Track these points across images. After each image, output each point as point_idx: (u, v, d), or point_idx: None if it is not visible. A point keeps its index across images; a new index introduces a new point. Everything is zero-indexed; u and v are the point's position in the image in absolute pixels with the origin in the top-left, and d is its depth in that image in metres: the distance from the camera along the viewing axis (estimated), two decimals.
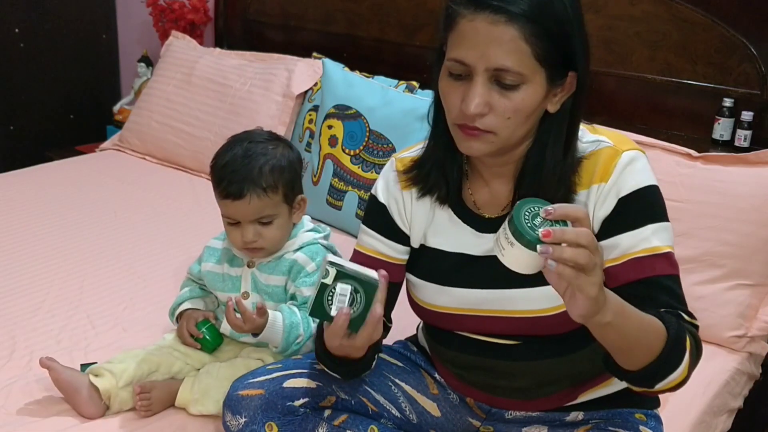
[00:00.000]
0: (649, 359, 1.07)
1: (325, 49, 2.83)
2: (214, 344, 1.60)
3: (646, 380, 1.11)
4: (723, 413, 1.79)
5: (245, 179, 1.51)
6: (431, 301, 1.31)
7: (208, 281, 1.66)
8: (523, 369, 1.30)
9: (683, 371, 1.10)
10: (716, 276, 1.89)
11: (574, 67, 1.15)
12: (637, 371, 1.09)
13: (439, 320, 1.34)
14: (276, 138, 1.62)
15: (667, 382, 1.10)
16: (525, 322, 1.25)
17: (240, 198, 1.51)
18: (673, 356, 1.09)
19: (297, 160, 1.61)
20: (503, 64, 1.09)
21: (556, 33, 1.10)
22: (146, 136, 2.96)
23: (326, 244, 1.64)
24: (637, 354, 1.08)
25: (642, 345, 1.07)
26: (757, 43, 2.07)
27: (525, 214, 0.96)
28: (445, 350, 1.37)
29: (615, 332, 1.03)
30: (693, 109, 2.20)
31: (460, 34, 1.12)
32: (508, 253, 0.96)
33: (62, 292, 1.96)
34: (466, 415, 1.42)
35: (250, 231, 1.54)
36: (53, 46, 3.44)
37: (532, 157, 1.20)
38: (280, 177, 1.54)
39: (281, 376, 1.30)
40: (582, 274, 0.93)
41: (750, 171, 1.90)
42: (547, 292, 1.15)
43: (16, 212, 2.42)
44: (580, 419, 1.35)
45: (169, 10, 3.22)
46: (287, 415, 1.27)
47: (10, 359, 1.65)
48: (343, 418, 1.32)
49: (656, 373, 1.09)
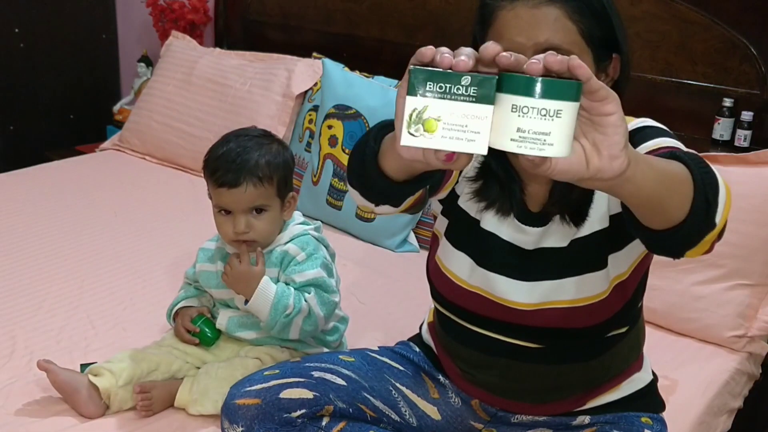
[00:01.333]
0: (690, 188, 0.93)
1: (325, 49, 2.83)
2: (212, 337, 1.60)
3: (701, 212, 0.94)
4: (723, 413, 1.79)
5: (241, 168, 1.53)
6: (465, 278, 1.28)
7: (202, 280, 1.67)
8: (539, 372, 1.29)
9: (726, 190, 0.97)
10: (716, 276, 1.89)
11: (616, 49, 1.14)
12: (690, 209, 0.93)
13: (461, 297, 1.30)
14: (269, 135, 1.64)
15: (722, 204, 0.96)
16: (556, 314, 1.23)
17: (236, 186, 1.53)
18: (708, 176, 0.95)
19: (290, 159, 1.63)
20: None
21: (597, 10, 1.10)
22: (146, 136, 2.96)
23: (317, 235, 1.65)
24: (678, 188, 0.93)
25: (676, 178, 0.93)
26: (757, 43, 2.07)
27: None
28: (459, 347, 1.35)
29: (649, 178, 0.88)
30: (693, 109, 2.20)
31: (502, 25, 1.09)
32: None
33: (62, 292, 1.96)
34: (467, 418, 1.41)
35: (242, 221, 1.55)
36: (53, 46, 3.44)
37: None
38: (276, 170, 1.56)
39: (278, 385, 1.28)
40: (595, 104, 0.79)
41: (750, 171, 1.90)
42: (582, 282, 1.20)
43: (16, 212, 2.42)
44: (586, 423, 1.34)
45: (169, 10, 3.22)
46: (284, 426, 1.25)
47: (10, 359, 1.65)
48: (341, 426, 1.30)
49: (707, 197, 0.94)
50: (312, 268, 1.58)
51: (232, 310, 1.63)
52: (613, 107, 0.79)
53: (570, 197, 1.20)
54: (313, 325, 1.57)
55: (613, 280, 1.22)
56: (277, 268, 1.59)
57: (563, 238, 1.23)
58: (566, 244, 1.23)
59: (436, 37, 2.64)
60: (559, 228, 1.23)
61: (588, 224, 1.21)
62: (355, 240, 2.36)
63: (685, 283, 1.91)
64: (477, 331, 1.31)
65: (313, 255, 1.59)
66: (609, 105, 0.78)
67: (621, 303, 1.24)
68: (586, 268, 1.22)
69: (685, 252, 1.00)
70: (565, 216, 1.21)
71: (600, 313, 1.23)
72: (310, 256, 1.59)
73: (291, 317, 1.53)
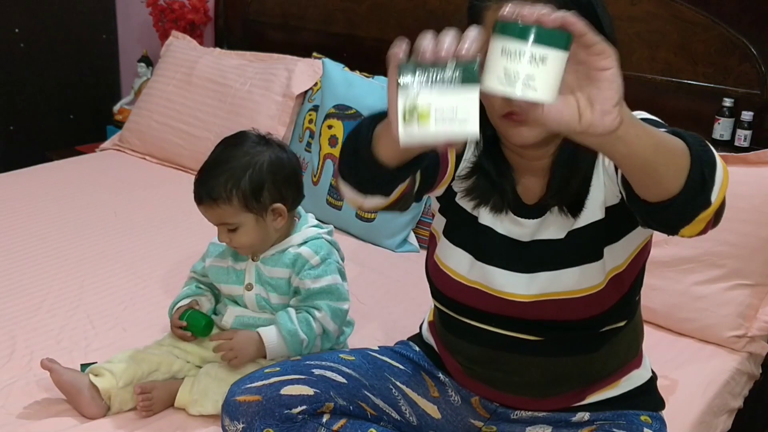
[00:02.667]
0: (686, 158, 0.93)
1: (325, 49, 2.83)
2: (201, 326, 1.58)
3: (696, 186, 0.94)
4: (723, 413, 1.79)
5: (202, 186, 1.55)
6: (463, 273, 1.30)
7: (212, 275, 1.67)
8: (538, 365, 1.30)
9: (723, 169, 0.97)
10: (716, 276, 1.89)
11: None
12: (684, 184, 0.93)
13: (459, 293, 1.31)
14: (265, 142, 1.60)
15: (718, 183, 0.95)
16: (553, 305, 1.24)
17: (199, 204, 1.57)
18: (705, 153, 0.95)
19: (277, 168, 1.56)
20: None
21: (589, 17, 1.06)
22: (146, 136, 2.96)
23: (330, 239, 1.65)
24: (674, 154, 0.93)
25: (670, 146, 0.93)
26: (757, 43, 2.07)
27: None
28: (460, 342, 1.36)
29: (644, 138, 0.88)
30: (693, 109, 2.20)
31: (489, 25, 1.09)
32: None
33: (62, 292, 1.96)
34: (467, 417, 1.42)
35: (221, 233, 1.58)
36: (53, 46, 3.44)
37: (566, 149, 1.19)
38: (235, 188, 1.52)
39: (279, 381, 1.29)
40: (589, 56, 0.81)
41: (750, 171, 1.90)
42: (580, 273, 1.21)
43: (16, 212, 2.42)
44: (585, 420, 1.35)
45: (169, 10, 3.22)
46: (285, 422, 1.26)
47: (10, 359, 1.65)
48: (341, 423, 1.31)
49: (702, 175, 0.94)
50: (327, 274, 1.58)
51: (240, 308, 1.64)
52: (609, 62, 0.81)
53: (568, 188, 1.21)
54: (330, 341, 1.60)
55: (610, 272, 1.23)
56: (289, 269, 1.60)
57: (560, 229, 1.24)
58: (563, 235, 1.24)
59: None
60: (555, 219, 1.24)
61: (584, 215, 1.22)
62: (355, 240, 2.36)
63: (685, 283, 1.91)
64: (477, 326, 1.32)
65: (327, 260, 1.59)
66: (605, 60, 0.81)
67: (618, 296, 1.25)
68: (583, 260, 1.23)
69: (680, 228, 1.00)
70: (562, 207, 1.22)
71: (596, 305, 1.25)
72: (324, 260, 1.59)
73: (310, 346, 1.55)
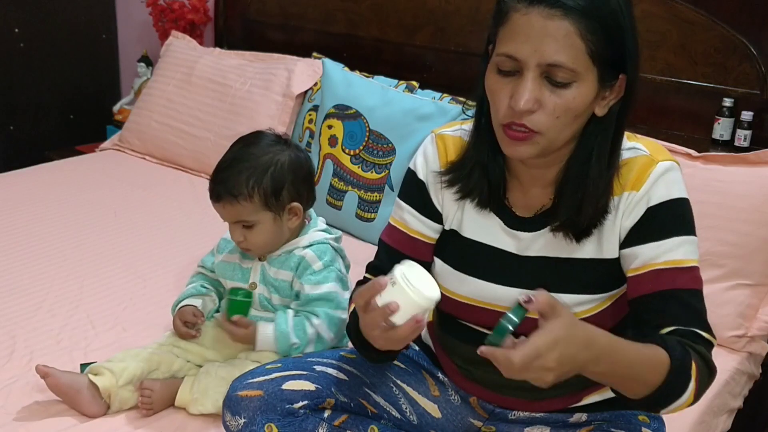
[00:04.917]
0: (649, 391, 1.08)
1: (325, 49, 2.83)
2: (246, 301, 1.57)
3: (649, 408, 1.15)
4: (723, 413, 1.79)
5: (221, 183, 1.55)
6: (453, 289, 1.30)
7: (218, 270, 1.68)
8: None
9: (688, 398, 1.10)
10: (716, 276, 1.89)
11: (624, 69, 1.13)
12: (639, 400, 1.10)
13: (455, 309, 1.32)
14: (283, 142, 1.62)
15: (672, 408, 1.12)
16: None
17: (217, 201, 1.57)
18: (676, 386, 1.09)
19: (296, 167, 1.59)
20: (557, 60, 1.07)
21: (610, 30, 1.08)
22: (146, 136, 2.96)
23: (336, 246, 1.65)
24: (635, 387, 1.09)
25: (639, 380, 1.08)
26: (757, 43, 2.07)
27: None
28: (457, 343, 1.36)
29: (606, 377, 1.07)
30: (693, 109, 2.20)
31: (513, 29, 1.09)
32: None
33: (62, 292, 1.96)
34: (467, 416, 1.42)
35: (235, 231, 1.58)
36: (53, 46, 3.44)
37: (575, 165, 1.18)
38: (257, 185, 1.54)
39: (280, 377, 1.30)
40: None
41: (750, 171, 1.90)
42: (576, 300, 1.21)
43: (16, 212, 2.42)
44: (583, 420, 1.35)
45: (169, 10, 3.22)
46: (287, 417, 1.27)
47: (10, 359, 1.65)
48: (343, 419, 1.32)
49: (658, 402, 1.10)
50: (326, 282, 1.58)
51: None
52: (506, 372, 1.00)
53: (574, 207, 1.18)
54: (324, 346, 1.60)
55: (606, 300, 1.23)
56: (292, 272, 1.60)
57: (560, 250, 1.22)
58: (564, 256, 1.22)
59: (435, 37, 2.64)
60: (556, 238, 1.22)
61: (587, 248, 1.21)
62: (355, 240, 2.36)
63: None
64: (473, 328, 1.32)
65: (329, 266, 1.59)
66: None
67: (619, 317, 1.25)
68: (583, 289, 1.22)
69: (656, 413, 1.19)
70: (566, 229, 1.20)
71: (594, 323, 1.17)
72: (326, 267, 1.59)
73: (301, 349, 1.55)
